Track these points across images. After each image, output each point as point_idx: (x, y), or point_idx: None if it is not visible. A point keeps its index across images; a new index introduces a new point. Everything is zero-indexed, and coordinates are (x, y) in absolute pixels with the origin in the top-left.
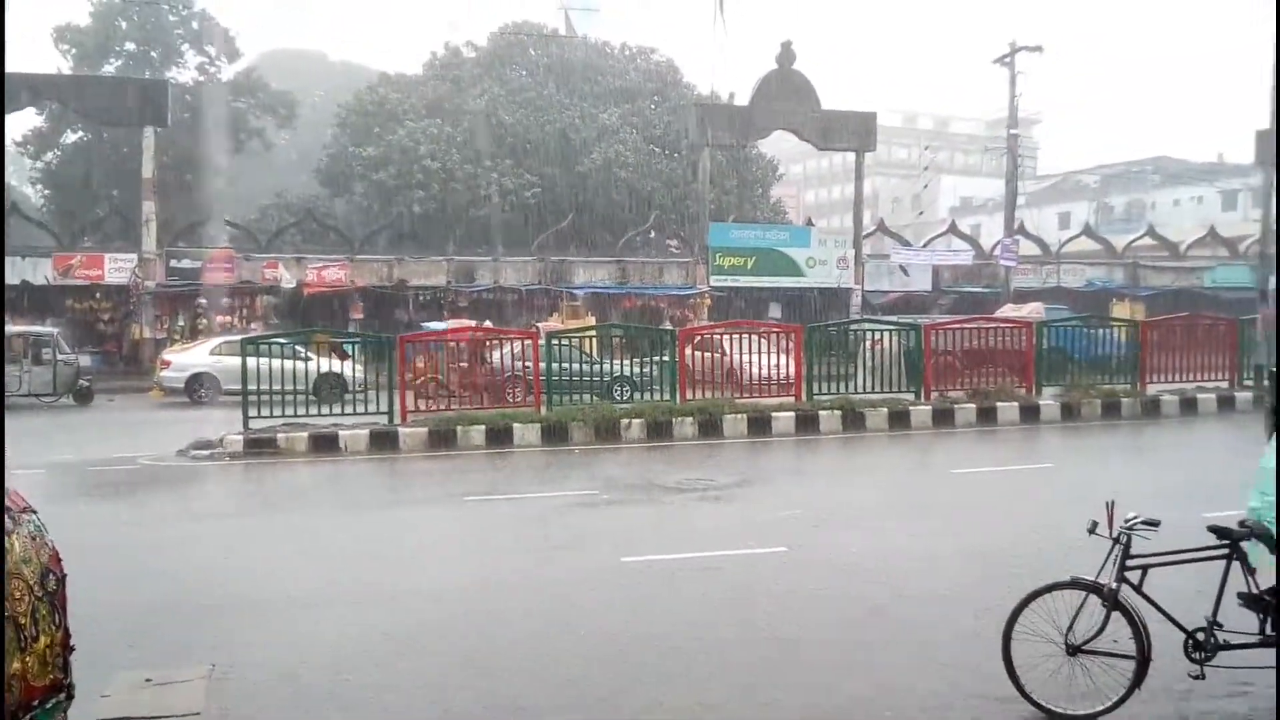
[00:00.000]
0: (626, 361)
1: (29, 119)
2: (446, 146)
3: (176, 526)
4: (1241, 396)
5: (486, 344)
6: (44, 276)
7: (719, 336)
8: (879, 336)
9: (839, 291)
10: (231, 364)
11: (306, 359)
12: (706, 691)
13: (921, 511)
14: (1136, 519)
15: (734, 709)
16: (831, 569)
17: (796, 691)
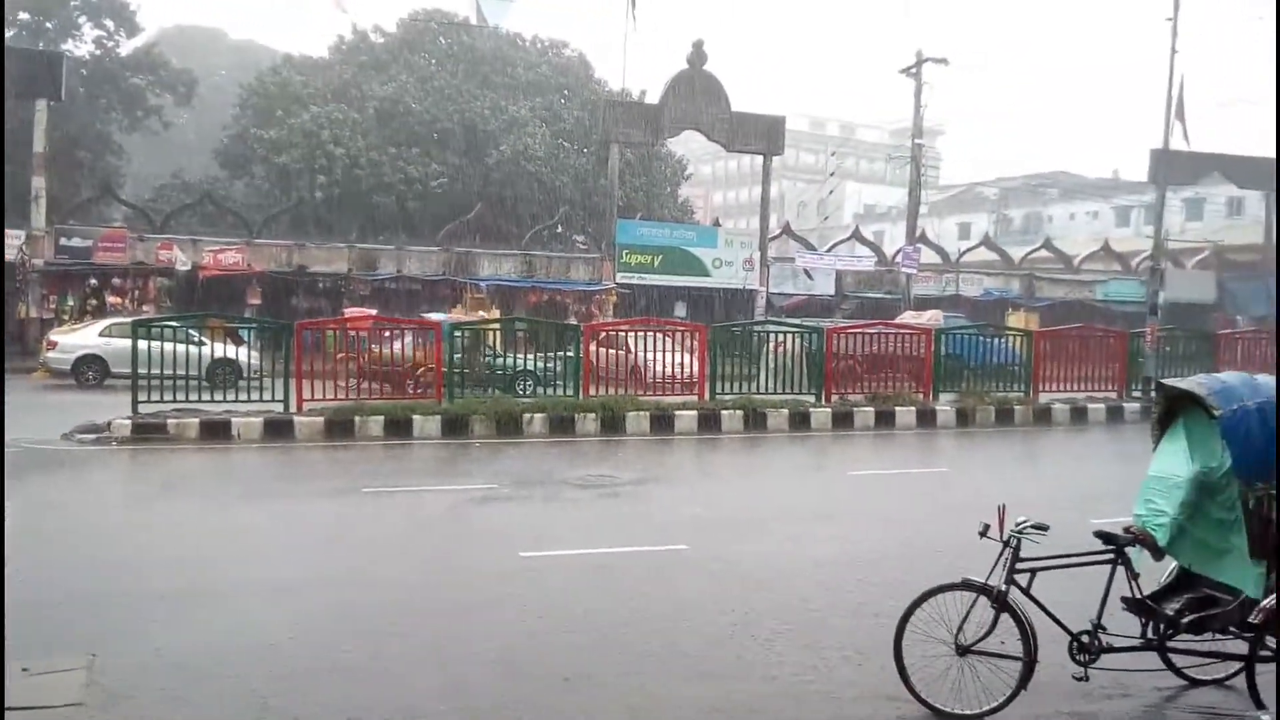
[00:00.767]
0: (530, 356)
1: None
2: (352, 132)
3: (57, 513)
4: (1130, 407)
5: (387, 334)
6: None
7: (624, 333)
8: (782, 338)
9: (744, 292)
10: (121, 346)
11: (200, 344)
12: (600, 690)
13: (819, 512)
14: (1026, 523)
15: (625, 709)
16: (730, 568)
17: (691, 689)
